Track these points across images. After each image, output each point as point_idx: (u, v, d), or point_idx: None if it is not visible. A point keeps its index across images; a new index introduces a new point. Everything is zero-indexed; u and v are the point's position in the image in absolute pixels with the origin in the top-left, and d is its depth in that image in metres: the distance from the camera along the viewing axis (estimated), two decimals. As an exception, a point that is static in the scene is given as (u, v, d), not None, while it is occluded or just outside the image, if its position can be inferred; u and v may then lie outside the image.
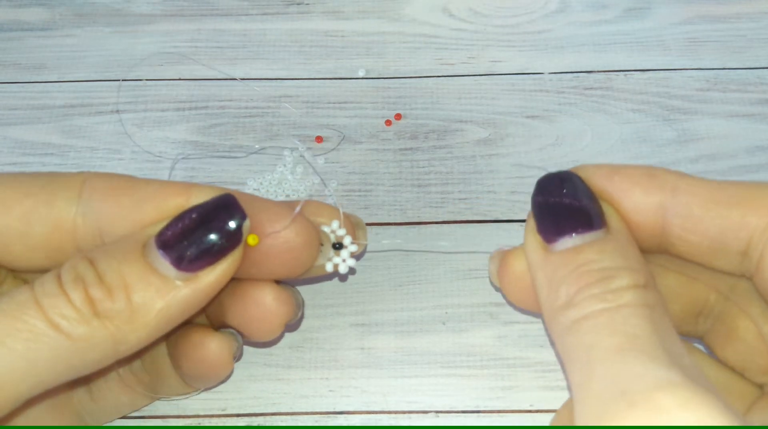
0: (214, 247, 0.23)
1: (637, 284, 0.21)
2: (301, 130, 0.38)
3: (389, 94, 0.40)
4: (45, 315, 0.21)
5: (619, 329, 0.20)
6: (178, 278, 0.23)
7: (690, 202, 0.23)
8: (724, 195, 0.23)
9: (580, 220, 0.23)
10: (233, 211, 0.24)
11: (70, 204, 0.25)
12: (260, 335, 0.28)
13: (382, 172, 0.37)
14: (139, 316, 0.23)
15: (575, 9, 0.43)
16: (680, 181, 0.24)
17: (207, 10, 0.43)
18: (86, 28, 0.43)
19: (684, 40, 0.41)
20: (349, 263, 0.28)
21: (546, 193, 0.24)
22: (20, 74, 0.41)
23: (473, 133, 0.38)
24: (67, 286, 0.22)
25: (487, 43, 0.42)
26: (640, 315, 0.20)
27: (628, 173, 0.24)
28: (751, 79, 0.40)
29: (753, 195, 0.23)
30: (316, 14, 0.43)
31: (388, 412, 0.31)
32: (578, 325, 0.21)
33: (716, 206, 0.23)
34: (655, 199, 0.24)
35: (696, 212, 0.23)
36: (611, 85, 0.40)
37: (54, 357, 0.21)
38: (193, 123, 0.39)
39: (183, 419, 0.31)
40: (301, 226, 0.26)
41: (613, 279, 0.21)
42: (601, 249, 0.22)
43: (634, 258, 0.22)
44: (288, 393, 0.31)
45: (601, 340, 0.20)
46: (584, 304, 0.21)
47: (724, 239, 0.23)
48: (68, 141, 0.38)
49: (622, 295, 0.21)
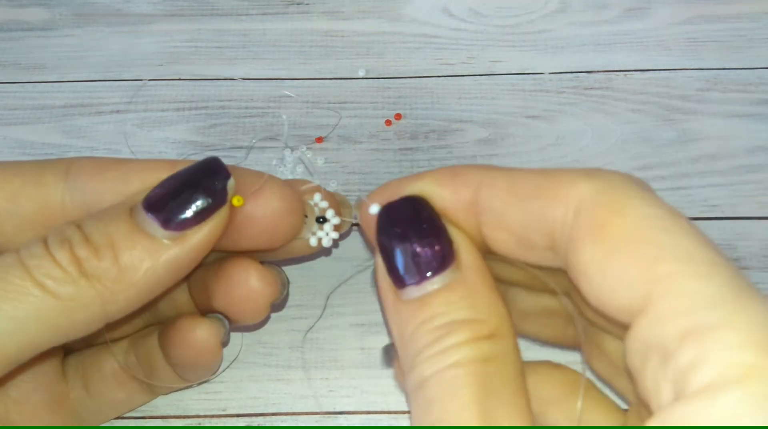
0: (201, 205, 0.24)
1: (477, 337, 0.20)
2: (302, 130, 0.38)
3: (389, 94, 0.40)
4: (30, 275, 0.21)
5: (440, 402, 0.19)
6: (166, 237, 0.23)
7: (492, 195, 0.22)
8: (525, 186, 0.21)
9: (428, 259, 0.21)
10: (218, 171, 0.24)
11: (58, 182, 0.25)
12: (246, 316, 0.28)
13: (382, 172, 0.37)
14: (126, 275, 0.23)
15: (575, 9, 0.43)
16: (484, 175, 0.22)
17: (207, 10, 0.43)
18: (86, 28, 0.43)
19: (684, 40, 0.41)
20: (333, 236, 0.28)
21: (388, 233, 0.22)
22: (20, 74, 0.41)
23: (473, 133, 0.38)
24: (53, 248, 0.22)
25: (487, 43, 0.41)
26: (463, 377, 0.19)
27: (432, 176, 0.23)
28: (751, 79, 0.40)
29: (552, 183, 0.21)
30: (316, 14, 0.43)
31: (388, 412, 0.31)
32: (416, 394, 0.20)
33: (515, 199, 0.21)
34: (464, 197, 0.22)
35: (497, 207, 0.22)
36: (611, 85, 0.40)
37: (41, 317, 0.21)
38: (193, 123, 0.39)
39: (183, 419, 0.31)
40: (285, 191, 0.26)
41: (452, 334, 0.20)
42: (448, 300, 0.21)
43: (482, 302, 0.21)
44: (288, 393, 0.31)
45: (424, 417, 0.19)
46: (423, 367, 0.20)
47: (528, 234, 0.21)
48: (68, 141, 0.38)
49: (455, 353, 0.20)
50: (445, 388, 0.19)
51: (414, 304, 0.21)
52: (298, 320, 0.33)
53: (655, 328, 0.17)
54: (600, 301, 0.19)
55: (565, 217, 0.20)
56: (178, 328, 0.28)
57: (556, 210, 0.20)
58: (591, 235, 0.19)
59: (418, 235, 0.22)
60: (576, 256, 0.20)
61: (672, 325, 0.17)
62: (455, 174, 0.23)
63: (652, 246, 0.18)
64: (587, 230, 0.19)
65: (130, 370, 0.29)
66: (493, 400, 0.19)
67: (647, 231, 0.18)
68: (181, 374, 0.29)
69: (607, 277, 0.19)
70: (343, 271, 0.34)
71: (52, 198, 0.25)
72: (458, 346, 0.20)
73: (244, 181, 0.25)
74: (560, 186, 0.20)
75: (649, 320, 0.18)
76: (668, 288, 0.17)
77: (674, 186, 0.36)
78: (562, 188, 0.20)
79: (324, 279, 0.34)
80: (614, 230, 0.19)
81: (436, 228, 0.22)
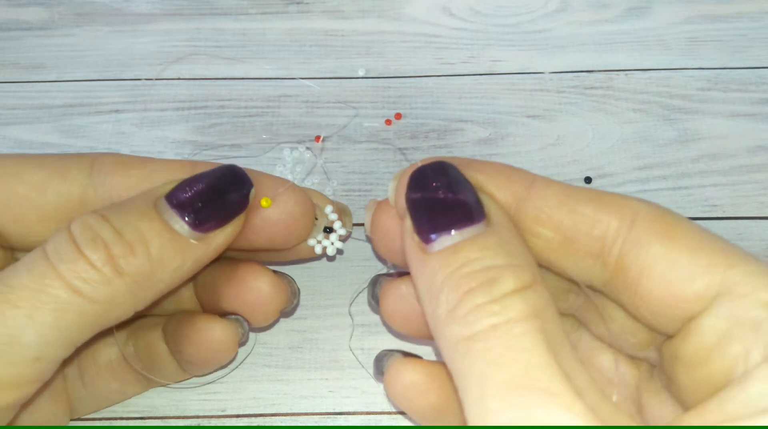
0: (227, 209, 0.25)
1: (523, 285, 0.20)
2: (302, 130, 0.38)
3: (389, 94, 0.40)
4: (66, 283, 0.22)
5: (513, 358, 0.18)
6: (192, 237, 0.24)
7: (545, 194, 0.23)
8: (579, 193, 0.23)
9: (457, 214, 0.21)
10: (242, 178, 0.26)
11: (82, 176, 0.26)
12: (256, 321, 0.29)
13: (382, 172, 0.37)
14: (157, 271, 0.23)
15: (576, 8, 0.43)
16: (536, 178, 0.23)
17: (206, 10, 0.43)
18: (85, 27, 0.42)
19: (685, 40, 0.41)
20: (338, 246, 0.30)
21: (421, 188, 0.22)
22: (19, 74, 0.41)
23: (473, 132, 0.38)
24: (86, 248, 0.22)
25: (487, 43, 0.41)
26: (532, 333, 0.19)
27: (481, 168, 0.23)
28: (751, 78, 0.40)
29: (607, 197, 0.23)
30: (316, 14, 0.43)
31: (388, 412, 0.31)
32: (468, 346, 0.19)
33: (570, 200, 0.22)
34: (508, 193, 0.23)
35: (550, 204, 0.22)
36: (612, 84, 0.40)
37: (80, 321, 0.22)
38: (192, 122, 0.39)
39: (183, 420, 0.31)
40: (300, 196, 0.28)
41: (496, 282, 0.20)
42: (483, 245, 0.21)
43: (517, 252, 0.21)
44: (288, 394, 0.31)
45: (495, 372, 0.18)
46: (470, 319, 0.19)
47: (576, 236, 0.22)
48: (67, 140, 0.38)
49: (510, 304, 0.19)
50: (511, 354, 0.18)
51: (445, 253, 0.21)
52: (298, 320, 0.33)
53: (741, 303, 0.20)
54: (669, 292, 0.21)
55: (620, 228, 0.22)
56: (195, 326, 0.28)
57: (610, 218, 0.22)
58: (658, 235, 0.21)
59: (448, 191, 0.22)
60: (641, 255, 0.21)
61: (757, 298, 0.20)
62: (504, 173, 0.23)
63: (715, 242, 0.21)
64: (653, 232, 0.21)
65: (132, 361, 0.29)
66: (560, 357, 0.19)
67: (704, 233, 0.21)
68: (187, 369, 0.30)
69: (678, 269, 0.21)
70: (344, 271, 0.34)
71: (77, 190, 0.26)
72: (511, 296, 0.19)
73: (264, 185, 0.27)
74: (613, 201, 0.22)
75: (733, 298, 0.20)
76: (744, 270, 0.20)
77: (675, 186, 0.36)
78: (615, 202, 0.22)
79: (324, 279, 0.34)
80: (679, 230, 0.21)
81: (466, 186, 0.22)
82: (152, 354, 0.29)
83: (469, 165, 0.23)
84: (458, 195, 0.22)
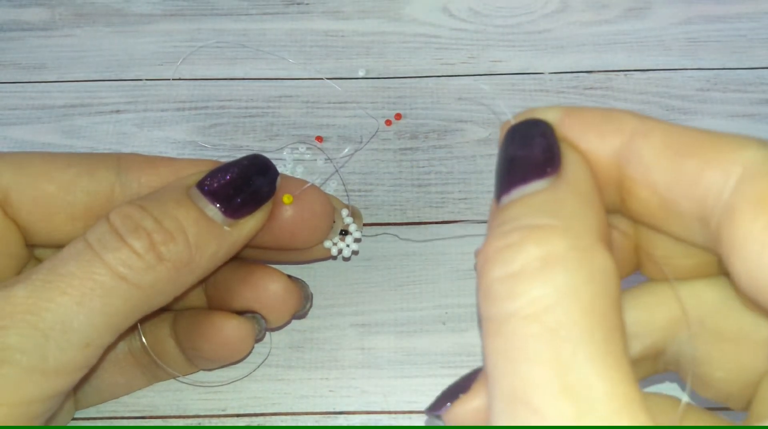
0: (256, 195, 0.26)
1: (549, 253, 0.17)
2: (301, 130, 0.38)
3: (389, 94, 0.40)
4: (112, 270, 0.23)
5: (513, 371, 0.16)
6: (225, 223, 0.25)
7: (644, 146, 0.19)
8: (684, 142, 0.18)
9: (520, 170, 0.19)
10: (268, 165, 0.27)
11: (110, 174, 0.27)
12: (269, 322, 0.30)
13: (382, 172, 0.37)
14: (196, 257, 0.24)
15: (575, 9, 0.43)
16: (639, 124, 0.19)
17: (207, 10, 0.43)
18: (86, 28, 0.43)
19: (684, 40, 0.41)
20: (353, 247, 0.32)
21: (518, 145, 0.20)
22: (20, 74, 0.41)
23: (473, 133, 0.38)
24: (128, 236, 0.23)
25: (487, 43, 0.41)
26: (537, 336, 0.16)
27: (581, 115, 0.20)
28: (751, 79, 0.40)
29: (716, 144, 0.18)
30: (316, 14, 0.43)
31: (388, 412, 0.31)
32: (485, 338, 0.17)
33: (670, 154, 0.18)
34: (612, 144, 0.19)
35: (648, 160, 0.19)
36: (611, 85, 0.40)
37: (126, 307, 0.23)
38: (193, 123, 0.39)
39: (183, 419, 0.31)
40: (324, 198, 0.29)
41: (518, 248, 0.17)
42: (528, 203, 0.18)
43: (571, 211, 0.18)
44: (288, 393, 0.31)
45: (497, 377, 0.17)
46: (486, 300, 0.17)
47: (675, 198, 0.19)
48: (68, 141, 0.38)
49: (522, 289, 0.17)
50: (516, 348, 0.16)
51: (498, 210, 0.19)
52: (298, 320, 0.33)
53: None
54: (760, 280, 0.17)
55: (724, 184, 0.17)
56: (213, 323, 0.28)
57: (714, 174, 0.18)
58: (754, 206, 0.17)
59: (522, 146, 0.20)
60: (732, 229, 0.17)
61: None
62: (608, 118, 0.20)
63: None
64: (750, 200, 0.17)
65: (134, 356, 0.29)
66: (572, 365, 0.16)
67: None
68: (198, 364, 0.30)
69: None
70: (344, 271, 0.34)
71: (105, 189, 0.26)
72: (526, 276, 0.17)
73: (287, 183, 0.29)
74: (724, 149, 0.18)
75: None
76: None
77: (674, 186, 0.36)
78: (724, 151, 0.18)
79: (324, 279, 0.34)
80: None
81: (543, 140, 0.20)
82: (161, 349, 0.29)
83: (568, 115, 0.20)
84: (532, 147, 0.19)
